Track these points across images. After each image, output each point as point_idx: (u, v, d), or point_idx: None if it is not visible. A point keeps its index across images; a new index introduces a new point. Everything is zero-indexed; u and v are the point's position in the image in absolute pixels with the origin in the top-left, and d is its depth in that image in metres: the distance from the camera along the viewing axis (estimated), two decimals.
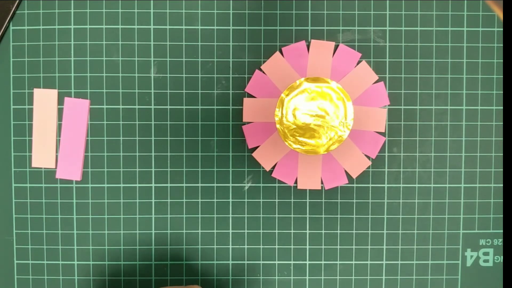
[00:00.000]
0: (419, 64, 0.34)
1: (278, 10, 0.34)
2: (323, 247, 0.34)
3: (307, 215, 0.34)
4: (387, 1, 0.34)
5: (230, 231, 0.34)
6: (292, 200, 0.34)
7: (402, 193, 0.34)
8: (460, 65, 0.34)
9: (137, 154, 0.34)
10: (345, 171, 0.34)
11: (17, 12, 0.34)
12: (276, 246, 0.34)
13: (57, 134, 0.34)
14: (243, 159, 0.34)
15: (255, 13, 0.34)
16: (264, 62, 0.34)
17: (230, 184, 0.34)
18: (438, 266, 0.35)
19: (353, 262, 0.35)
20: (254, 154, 0.34)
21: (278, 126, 0.33)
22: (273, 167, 0.34)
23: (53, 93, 0.34)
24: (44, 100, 0.34)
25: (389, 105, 0.34)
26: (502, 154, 0.34)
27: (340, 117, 0.33)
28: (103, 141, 0.34)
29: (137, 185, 0.34)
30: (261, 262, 0.34)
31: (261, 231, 0.34)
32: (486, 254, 0.34)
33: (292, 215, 0.34)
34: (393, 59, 0.34)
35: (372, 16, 0.34)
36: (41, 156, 0.34)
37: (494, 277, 0.35)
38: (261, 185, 0.34)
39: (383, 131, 0.34)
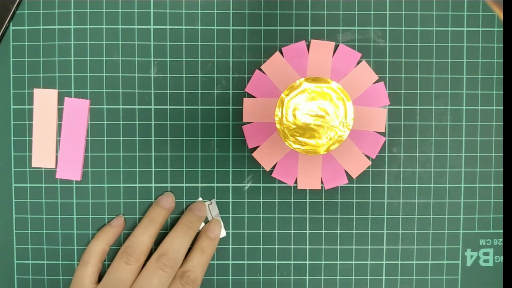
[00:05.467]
0: (419, 64, 0.34)
1: (278, 10, 0.34)
2: (323, 247, 0.34)
3: (307, 215, 0.34)
4: (387, 1, 0.34)
5: (230, 231, 0.34)
6: (292, 200, 0.34)
7: (402, 193, 0.34)
8: (460, 65, 0.34)
9: (137, 154, 0.34)
10: (345, 171, 0.34)
11: (17, 12, 0.34)
12: (276, 246, 0.34)
13: (57, 134, 0.34)
14: (243, 159, 0.34)
15: (255, 13, 0.34)
16: (264, 62, 0.34)
17: (230, 184, 0.34)
18: (438, 266, 0.35)
19: (353, 262, 0.35)
20: (254, 154, 0.34)
21: (278, 126, 0.33)
22: (273, 167, 0.34)
23: (53, 93, 0.34)
24: (44, 100, 0.34)
25: (389, 105, 0.34)
26: (502, 154, 0.34)
27: (340, 117, 0.33)
28: (103, 141, 0.34)
29: (137, 185, 0.34)
30: (261, 262, 0.34)
31: (261, 231, 0.34)
32: (486, 254, 0.34)
33: (292, 215, 0.34)
34: (393, 59, 0.34)
35: (372, 16, 0.34)
36: (41, 156, 0.34)
37: (494, 277, 0.35)
38: (261, 185, 0.34)
39: (383, 131, 0.34)
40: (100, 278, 0.33)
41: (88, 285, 0.31)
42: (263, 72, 0.34)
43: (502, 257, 0.34)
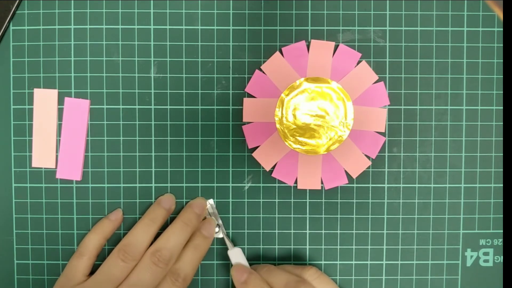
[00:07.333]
0: (419, 64, 0.34)
1: (278, 10, 0.34)
2: (323, 247, 0.34)
3: (307, 215, 0.34)
4: (387, 1, 0.34)
5: (231, 231, 0.34)
6: (292, 200, 0.34)
7: (402, 193, 0.34)
8: (460, 65, 0.34)
9: (137, 154, 0.34)
10: (345, 171, 0.34)
11: (17, 12, 0.34)
12: (276, 246, 0.34)
13: (57, 134, 0.34)
14: (243, 159, 0.34)
15: (255, 13, 0.34)
16: (264, 62, 0.34)
17: (230, 184, 0.34)
18: (438, 266, 0.35)
19: (353, 262, 0.35)
20: (254, 154, 0.34)
21: (278, 126, 0.33)
22: (273, 167, 0.34)
23: (53, 93, 0.34)
24: (44, 100, 0.34)
25: (389, 105, 0.34)
26: (502, 154, 0.34)
27: (340, 117, 0.33)
28: (103, 141, 0.34)
29: (137, 185, 0.34)
30: (261, 262, 0.34)
31: (261, 231, 0.34)
32: (486, 254, 0.34)
33: (292, 215, 0.34)
34: (393, 59, 0.34)
35: (372, 16, 0.34)
36: (41, 156, 0.34)
37: (494, 277, 0.35)
38: (261, 185, 0.34)
39: (383, 131, 0.34)
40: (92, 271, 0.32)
41: (80, 277, 0.31)
42: (263, 72, 0.34)
43: (502, 257, 0.34)
